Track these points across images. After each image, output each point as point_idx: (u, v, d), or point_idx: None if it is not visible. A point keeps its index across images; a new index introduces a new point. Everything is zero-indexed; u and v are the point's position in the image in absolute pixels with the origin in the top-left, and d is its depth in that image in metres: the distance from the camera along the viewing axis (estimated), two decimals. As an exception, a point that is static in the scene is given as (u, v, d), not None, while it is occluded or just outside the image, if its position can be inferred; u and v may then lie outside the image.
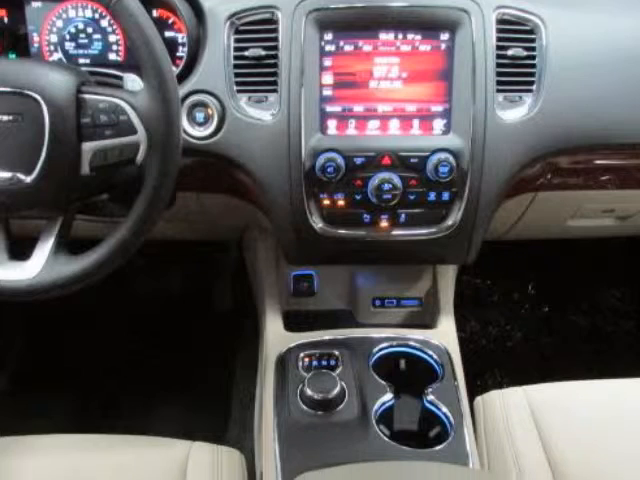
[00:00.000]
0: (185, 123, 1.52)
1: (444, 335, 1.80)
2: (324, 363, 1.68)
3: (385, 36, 1.51)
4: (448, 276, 1.99)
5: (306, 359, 1.70)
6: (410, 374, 1.70)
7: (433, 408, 1.60)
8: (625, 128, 1.55)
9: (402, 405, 1.62)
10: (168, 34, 1.64)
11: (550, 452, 1.53)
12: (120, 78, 1.44)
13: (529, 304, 3.02)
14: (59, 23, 1.65)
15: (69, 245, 1.35)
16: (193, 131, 1.53)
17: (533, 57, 1.51)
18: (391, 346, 1.72)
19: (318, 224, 1.62)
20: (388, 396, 1.60)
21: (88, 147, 1.26)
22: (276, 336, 1.83)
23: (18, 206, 1.30)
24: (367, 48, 1.55)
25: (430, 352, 1.72)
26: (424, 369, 1.71)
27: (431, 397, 1.61)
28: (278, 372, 1.69)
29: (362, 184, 1.58)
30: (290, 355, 1.72)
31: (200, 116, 1.52)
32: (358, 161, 1.55)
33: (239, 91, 1.53)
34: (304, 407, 1.56)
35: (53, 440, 1.60)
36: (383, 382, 1.63)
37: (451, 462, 1.45)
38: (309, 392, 1.54)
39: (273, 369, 1.70)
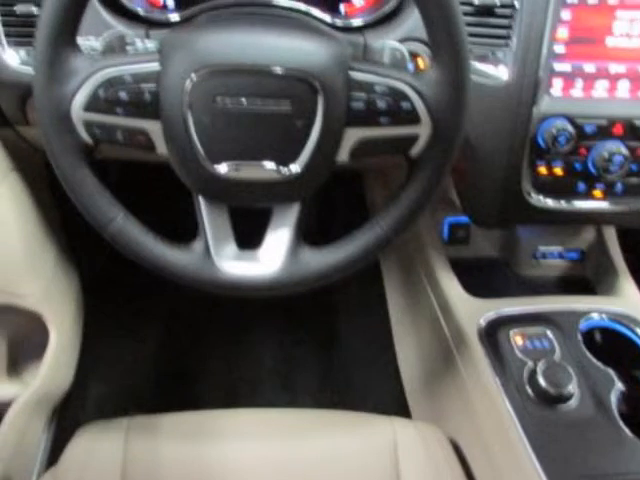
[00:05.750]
0: None
1: (632, 304, 1.65)
2: (537, 345, 1.52)
3: (634, -12, 1.32)
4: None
5: (518, 338, 1.53)
6: (616, 353, 1.56)
7: None
8: None
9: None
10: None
11: None
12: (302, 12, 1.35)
13: None
14: None
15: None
16: None
17: None
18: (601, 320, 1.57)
19: (529, 191, 1.48)
20: (618, 384, 1.45)
21: (354, 134, 1.09)
22: (463, 303, 1.68)
23: (271, 198, 1.16)
24: (612, 1, 1.37)
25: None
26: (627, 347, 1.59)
27: None
28: (486, 350, 1.54)
29: (586, 153, 1.43)
30: (498, 331, 1.57)
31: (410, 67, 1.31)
32: (588, 129, 1.41)
33: None
34: (536, 400, 1.41)
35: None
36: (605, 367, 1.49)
37: None
38: (543, 384, 1.39)
39: (479, 346, 1.55)
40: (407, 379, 2.17)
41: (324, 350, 2.41)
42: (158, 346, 2.37)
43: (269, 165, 1.08)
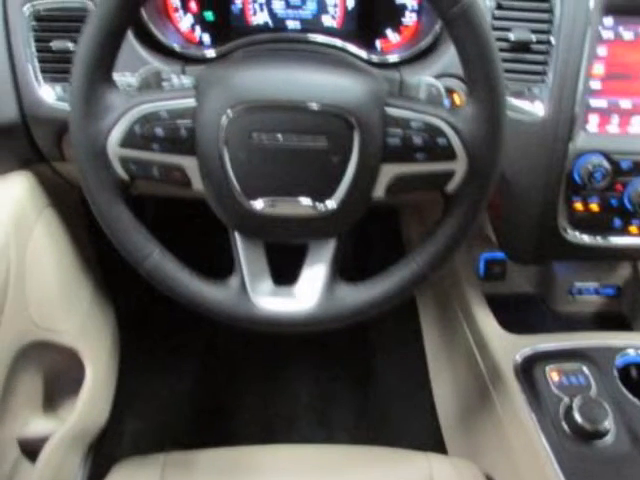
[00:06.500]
0: None
1: None
2: (573, 381, 1.50)
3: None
4: None
5: (554, 374, 1.51)
6: None
7: None
8: None
9: None
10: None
11: None
12: (338, 48, 1.37)
13: None
14: None
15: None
16: None
17: None
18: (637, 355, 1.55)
19: (565, 227, 1.46)
20: None
21: (390, 170, 1.08)
22: (499, 339, 1.66)
23: (307, 234, 1.15)
24: (647, 36, 1.33)
25: None
26: None
27: None
28: (522, 386, 1.51)
29: (622, 189, 1.42)
30: (534, 367, 1.54)
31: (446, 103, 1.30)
32: (624, 165, 1.39)
33: None
34: (572, 435, 1.38)
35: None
36: None
37: None
38: (579, 420, 1.37)
39: (515, 382, 1.52)
40: (443, 415, 2.15)
41: (360, 386, 2.39)
42: (194, 382, 2.36)
43: (305, 201, 1.08)
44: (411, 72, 1.34)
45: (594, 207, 1.44)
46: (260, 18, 1.46)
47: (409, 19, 1.45)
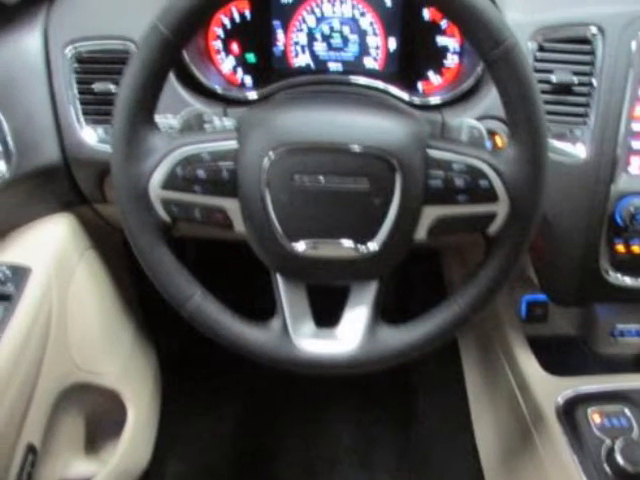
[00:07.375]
0: None
1: None
2: (615, 423, 1.47)
3: None
4: None
5: (595, 416, 1.48)
6: None
7: None
8: None
9: None
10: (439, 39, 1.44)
11: None
12: (380, 90, 1.37)
13: None
14: (310, 20, 1.46)
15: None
16: None
17: None
18: None
19: (607, 269, 1.44)
20: None
21: (432, 212, 1.07)
22: (541, 382, 1.64)
23: (348, 276, 1.14)
24: (689, 75, 1.31)
25: None
26: None
27: None
28: (564, 428, 1.49)
29: None
30: (576, 409, 1.52)
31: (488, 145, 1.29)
32: None
33: None
34: (614, 477, 1.36)
35: None
36: None
37: None
38: (621, 462, 1.34)
39: (557, 423, 1.50)
40: (485, 457, 2.13)
41: (402, 428, 2.37)
42: (236, 424, 2.35)
43: (347, 243, 1.07)
44: (453, 114, 1.34)
45: (636, 249, 1.42)
46: (302, 60, 1.47)
47: (451, 61, 1.45)
